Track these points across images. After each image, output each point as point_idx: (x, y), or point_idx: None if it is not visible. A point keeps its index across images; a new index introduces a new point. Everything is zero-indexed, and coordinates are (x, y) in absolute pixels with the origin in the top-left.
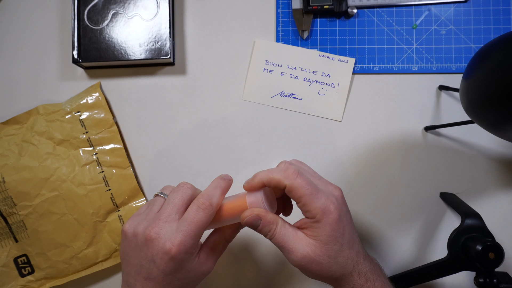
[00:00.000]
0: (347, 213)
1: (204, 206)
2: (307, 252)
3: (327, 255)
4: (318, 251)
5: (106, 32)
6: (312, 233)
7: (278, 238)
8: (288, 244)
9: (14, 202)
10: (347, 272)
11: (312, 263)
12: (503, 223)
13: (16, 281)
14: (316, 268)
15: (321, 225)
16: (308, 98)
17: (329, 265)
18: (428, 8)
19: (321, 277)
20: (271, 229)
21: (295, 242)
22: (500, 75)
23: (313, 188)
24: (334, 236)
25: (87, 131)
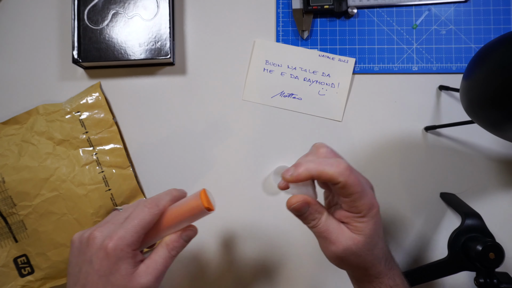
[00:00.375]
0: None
1: (150, 205)
2: (349, 246)
3: (367, 248)
4: (361, 245)
5: (106, 32)
6: (355, 227)
7: (323, 228)
8: (332, 235)
9: (14, 202)
10: (378, 261)
11: (352, 255)
12: (503, 223)
13: (15, 281)
14: (354, 260)
15: (366, 220)
16: (308, 98)
17: (366, 257)
18: (428, 8)
19: (354, 267)
20: (316, 218)
21: (338, 234)
22: (500, 75)
23: (363, 186)
24: (376, 230)
25: (87, 131)
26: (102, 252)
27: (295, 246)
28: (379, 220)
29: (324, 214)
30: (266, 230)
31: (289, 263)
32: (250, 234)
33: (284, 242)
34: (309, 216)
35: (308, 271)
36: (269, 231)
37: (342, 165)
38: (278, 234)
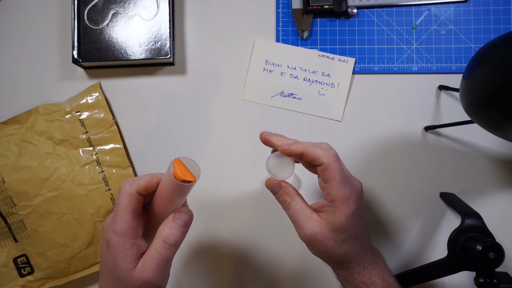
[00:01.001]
0: (362, 207)
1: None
2: (316, 233)
3: (334, 240)
4: (327, 234)
5: (106, 32)
6: (326, 216)
7: (292, 211)
8: (300, 220)
9: (13, 202)
10: (348, 258)
11: (318, 242)
12: (503, 223)
13: (15, 281)
14: (320, 247)
15: (337, 213)
16: (308, 98)
17: (333, 248)
18: (428, 8)
19: (322, 256)
20: (286, 200)
21: (307, 220)
22: (500, 75)
23: (344, 176)
24: (346, 226)
25: (87, 131)
26: (105, 245)
27: (296, 246)
28: (355, 219)
29: (295, 199)
30: (266, 229)
31: (291, 261)
32: (251, 234)
33: (285, 242)
34: (280, 197)
35: (309, 271)
36: (270, 231)
37: (331, 151)
38: (280, 232)
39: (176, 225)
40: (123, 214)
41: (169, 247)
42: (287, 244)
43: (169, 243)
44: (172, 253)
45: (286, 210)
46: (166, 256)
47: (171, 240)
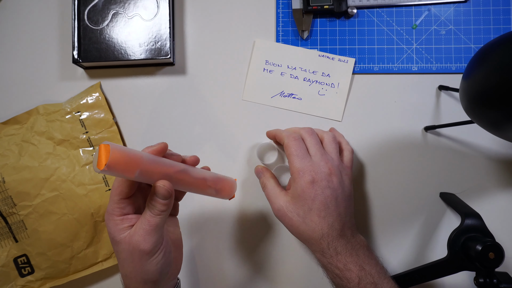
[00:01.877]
0: (327, 189)
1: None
2: (281, 206)
3: (296, 212)
4: (290, 207)
5: (106, 32)
6: (289, 189)
7: (267, 191)
8: (271, 197)
9: (14, 202)
10: (315, 236)
11: (285, 216)
12: (503, 223)
13: (16, 281)
14: (288, 221)
15: (295, 184)
16: (308, 98)
17: (298, 223)
18: (428, 8)
19: (294, 233)
20: (263, 182)
21: (276, 196)
22: (500, 75)
23: (302, 153)
24: (303, 197)
25: (87, 131)
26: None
27: (297, 246)
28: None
29: (270, 182)
30: (267, 229)
31: (290, 260)
32: (251, 233)
33: (285, 242)
34: (260, 179)
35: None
36: (270, 230)
37: (293, 135)
38: (280, 232)
39: (157, 198)
40: (112, 196)
41: (154, 215)
42: (287, 244)
43: (154, 213)
44: (159, 220)
45: (264, 190)
46: (153, 222)
47: (155, 210)
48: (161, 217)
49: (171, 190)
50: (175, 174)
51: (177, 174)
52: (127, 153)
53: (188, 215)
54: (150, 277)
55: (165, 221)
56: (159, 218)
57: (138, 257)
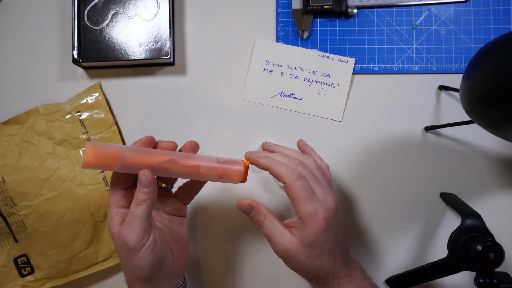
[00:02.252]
0: (336, 225)
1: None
2: (288, 248)
3: (306, 255)
4: (299, 250)
5: (106, 32)
6: (298, 232)
7: (265, 230)
8: (273, 237)
9: (14, 202)
10: (321, 274)
11: (291, 258)
12: (503, 223)
13: (16, 281)
14: (294, 262)
15: (307, 229)
16: (308, 98)
17: (306, 264)
18: (428, 8)
19: (298, 271)
20: (259, 220)
21: (280, 237)
22: (500, 75)
23: (309, 193)
24: (317, 242)
25: (87, 131)
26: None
27: None
28: (326, 236)
29: (267, 218)
30: None
31: None
32: (251, 233)
33: None
34: (253, 217)
35: None
36: None
37: (295, 172)
38: None
39: (140, 187)
40: (110, 188)
41: (136, 206)
42: None
43: (136, 203)
44: (141, 211)
45: (260, 228)
46: (135, 213)
47: (137, 200)
48: (143, 207)
49: (152, 177)
50: (162, 163)
51: (164, 164)
52: (104, 149)
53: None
54: (139, 273)
55: (149, 213)
56: (141, 208)
57: (125, 251)
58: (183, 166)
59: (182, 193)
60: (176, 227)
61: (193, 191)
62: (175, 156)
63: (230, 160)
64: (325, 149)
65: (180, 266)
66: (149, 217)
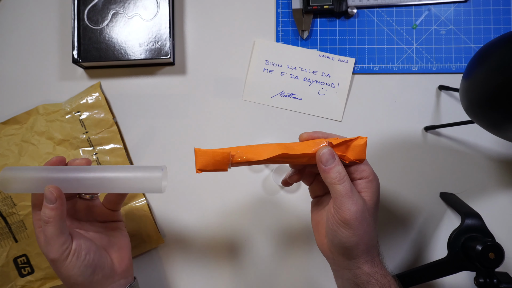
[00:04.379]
0: None
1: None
2: (364, 209)
3: (373, 217)
4: (371, 209)
5: (106, 32)
6: (366, 193)
7: (347, 186)
8: (354, 194)
9: (13, 202)
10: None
11: (364, 220)
12: (503, 223)
13: (15, 281)
14: (366, 227)
15: (374, 186)
16: (308, 98)
17: (373, 228)
18: (428, 8)
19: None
20: (341, 172)
21: (357, 195)
22: (500, 75)
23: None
24: (379, 200)
25: (87, 131)
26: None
27: (296, 244)
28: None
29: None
30: (266, 230)
31: (290, 262)
32: (250, 234)
33: (285, 241)
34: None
35: (308, 271)
36: (269, 231)
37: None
38: (279, 233)
39: (46, 203)
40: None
41: (45, 224)
42: (288, 248)
43: (44, 221)
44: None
45: (341, 183)
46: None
47: (44, 218)
48: (52, 224)
49: (58, 193)
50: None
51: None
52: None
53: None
54: (73, 281)
55: (61, 227)
56: (50, 226)
57: (53, 264)
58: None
59: (107, 201)
60: (112, 232)
61: (119, 199)
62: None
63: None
64: None
65: (123, 266)
66: (64, 230)
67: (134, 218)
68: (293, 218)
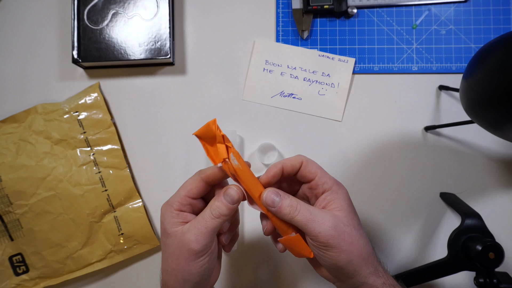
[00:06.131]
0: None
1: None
2: (337, 222)
3: (353, 225)
4: (345, 220)
5: (106, 32)
6: (333, 204)
7: (305, 213)
8: (316, 216)
9: (10, 200)
10: (370, 251)
11: (343, 233)
12: (503, 223)
13: (10, 280)
14: (348, 239)
15: (340, 195)
16: (308, 98)
17: (358, 237)
18: (428, 8)
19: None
20: (292, 203)
21: (322, 214)
22: (500, 75)
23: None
24: (352, 207)
25: (85, 131)
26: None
27: None
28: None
29: (300, 203)
30: None
31: (290, 262)
32: (249, 234)
33: None
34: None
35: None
36: None
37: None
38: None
39: (224, 200)
40: (179, 190)
41: (213, 217)
42: None
43: (214, 214)
44: (216, 224)
45: (296, 213)
46: (210, 224)
47: (216, 212)
48: (220, 221)
49: (242, 195)
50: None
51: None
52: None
53: None
54: (191, 278)
55: (220, 227)
56: (218, 221)
57: (185, 255)
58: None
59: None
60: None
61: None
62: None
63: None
64: (325, 149)
65: (217, 274)
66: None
67: (130, 219)
68: None
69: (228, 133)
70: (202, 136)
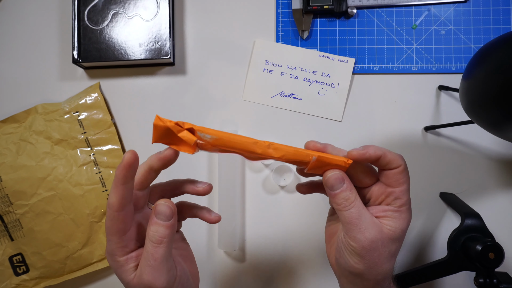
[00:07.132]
0: None
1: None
2: (377, 239)
3: (389, 250)
4: (386, 242)
5: (106, 32)
6: (389, 222)
7: (355, 212)
8: (363, 222)
9: (10, 200)
10: (387, 276)
11: (375, 251)
12: (503, 223)
13: (10, 280)
14: (375, 258)
15: (401, 219)
16: (308, 98)
17: (385, 260)
18: (428, 8)
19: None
20: (349, 198)
21: (369, 224)
22: (500, 75)
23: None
24: (403, 235)
25: (85, 131)
26: None
27: (297, 245)
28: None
29: (358, 197)
30: (266, 229)
31: (290, 262)
32: (250, 233)
33: (285, 241)
34: (342, 193)
35: (309, 272)
36: (269, 230)
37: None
38: (279, 232)
39: (158, 220)
40: (108, 235)
41: (157, 245)
42: (288, 248)
43: (156, 242)
44: (163, 250)
45: (346, 210)
46: (158, 255)
47: (155, 237)
48: (164, 245)
49: (174, 207)
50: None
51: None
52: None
53: None
54: None
55: (171, 248)
56: (163, 247)
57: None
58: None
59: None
60: (180, 243)
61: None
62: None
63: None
64: None
65: (196, 281)
66: (171, 252)
67: None
68: (293, 218)
69: None
70: (163, 139)
